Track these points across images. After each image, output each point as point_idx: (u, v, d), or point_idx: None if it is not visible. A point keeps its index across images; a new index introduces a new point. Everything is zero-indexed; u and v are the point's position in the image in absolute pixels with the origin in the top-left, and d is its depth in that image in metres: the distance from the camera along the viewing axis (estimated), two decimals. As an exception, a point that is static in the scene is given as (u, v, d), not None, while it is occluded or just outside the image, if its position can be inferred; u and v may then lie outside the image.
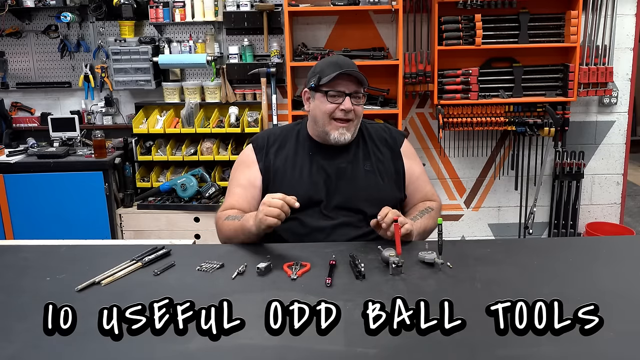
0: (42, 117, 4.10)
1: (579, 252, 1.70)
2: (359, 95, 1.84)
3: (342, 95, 1.82)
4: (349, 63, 1.85)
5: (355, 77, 1.82)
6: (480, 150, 4.07)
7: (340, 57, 1.90)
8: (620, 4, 3.78)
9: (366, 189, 1.87)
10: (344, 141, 1.86)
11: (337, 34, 3.89)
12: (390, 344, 1.16)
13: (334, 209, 1.85)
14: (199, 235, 3.76)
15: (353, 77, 1.82)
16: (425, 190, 1.99)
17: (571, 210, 4.03)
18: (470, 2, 3.55)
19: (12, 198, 3.67)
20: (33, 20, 4.00)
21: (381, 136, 1.98)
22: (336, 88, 1.82)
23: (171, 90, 3.96)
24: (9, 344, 1.20)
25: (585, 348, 1.15)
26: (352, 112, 1.83)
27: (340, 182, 1.87)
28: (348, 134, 1.85)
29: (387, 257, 1.51)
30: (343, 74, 1.80)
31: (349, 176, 1.88)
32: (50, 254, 1.73)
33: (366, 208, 1.85)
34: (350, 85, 1.82)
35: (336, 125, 1.84)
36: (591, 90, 3.79)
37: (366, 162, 1.91)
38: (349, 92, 1.82)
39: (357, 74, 1.81)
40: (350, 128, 1.86)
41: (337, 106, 1.82)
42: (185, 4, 3.80)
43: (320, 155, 1.90)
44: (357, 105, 1.84)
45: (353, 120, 1.85)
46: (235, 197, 1.90)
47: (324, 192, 1.86)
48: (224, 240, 1.83)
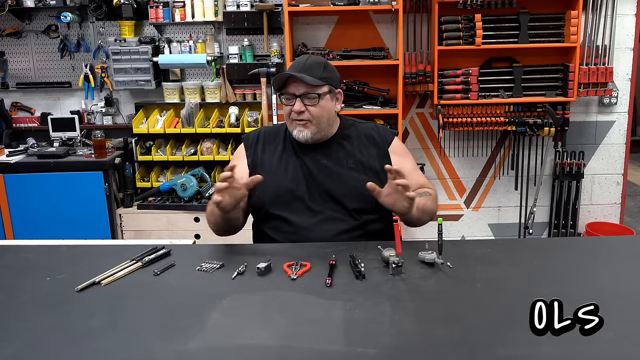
0: (42, 117, 4.10)
1: (579, 252, 1.70)
2: (312, 95, 1.84)
3: (293, 97, 1.85)
4: (305, 64, 1.86)
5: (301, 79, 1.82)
6: (480, 150, 4.07)
7: (301, 59, 1.91)
8: (620, 4, 3.78)
9: (348, 184, 1.88)
10: (303, 138, 1.88)
11: (337, 34, 3.89)
12: (390, 344, 1.16)
13: (318, 203, 1.87)
14: (199, 235, 3.76)
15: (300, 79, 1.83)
16: (419, 182, 1.97)
17: (571, 210, 4.03)
18: (470, 2, 3.55)
19: (12, 198, 3.67)
20: (33, 20, 4.00)
21: (369, 134, 1.99)
22: (287, 90, 1.87)
23: (171, 90, 3.96)
24: (9, 344, 1.20)
25: (585, 348, 1.15)
26: (307, 113, 1.85)
27: (322, 178, 1.89)
28: (307, 131, 1.87)
29: (387, 257, 1.51)
30: (292, 76, 1.83)
31: (331, 172, 1.90)
32: (50, 254, 1.73)
33: (348, 202, 1.86)
34: (300, 87, 1.84)
35: (295, 124, 1.88)
36: (591, 90, 3.79)
37: (349, 159, 1.93)
38: (298, 93, 1.84)
39: (301, 77, 1.81)
40: (308, 126, 1.87)
41: (291, 108, 1.86)
42: (185, 4, 3.79)
43: (303, 153, 1.93)
44: (310, 105, 1.85)
45: (310, 120, 1.86)
46: None
47: (305, 187, 1.88)
48: (212, 228, 1.89)
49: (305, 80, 1.82)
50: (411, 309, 1.31)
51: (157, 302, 1.39)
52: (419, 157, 4.09)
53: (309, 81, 1.82)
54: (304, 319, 1.28)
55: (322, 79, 1.85)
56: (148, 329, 1.25)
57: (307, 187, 1.88)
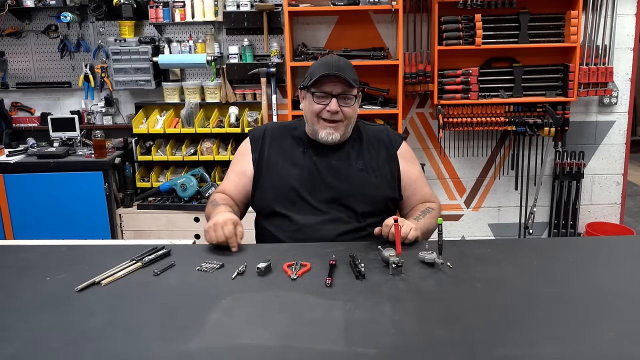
0: (42, 117, 4.10)
1: (579, 252, 1.70)
2: (348, 96, 1.83)
3: (329, 97, 1.82)
4: (339, 64, 1.84)
5: (344, 78, 1.80)
6: (480, 150, 4.07)
7: (333, 58, 1.88)
8: (620, 4, 3.78)
9: (357, 186, 1.88)
10: (332, 141, 1.86)
11: (337, 34, 3.89)
12: (390, 344, 1.16)
13: (323, 203, 1.86)
14: (199, 235, 3.76)
15: (341, 78, 1.80)
16: (423, 192, 1.99)
17: (571, 210, 4.03)
18: (470, 2, 3.55)
19: (12, 198, 3.67)
20: (33, 20, 4.00)
21: (378, 137, 1.98)
22: (322, 89, 1.82)
23: (171, 90, 3.96)
24: (9, 344, 1.20)
25: (585, 348, 1.15)
26: (340, 114, 1.83)
27: (330, 178, 1.88)
28: (337, 134, 1.86)
29: (387, 257, 1.51)
30: (330, 75, 1.80)
31: (340, 173, 1.89)
32: (50, 254, 1.73)
33: (356, 204, 1.86)
34: (338, 86, 1.81)
35: (324, 125, 1.85)
36: (591, 90, 3.79)
37: (359, 160, 1.92)
38: (335, 93, 1.82)
39: (342, 76, 1.79)
40: (338, 128, 1.86)
41: (323, 107, 1.83)
42: (185, 4, 3.79)
43: (313, 152, 1.92)
44: (345, 106, 1.83)
45: (342, 121, 1.85)
46: (228, 182, 1.99)
47: (312, 186, 1.87)
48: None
49: (347, 80, 1.80)
50: (411, 309, 1.31)
51: (157, 302, 1.39)
52: (419, 157, 4.08)
53: (351, 82, 1.81)
54: (304, 319, 1.28)
55: (354, 81, 1.84)
56: (148, 329, 1.25)
57: (313, 186, 1.87)
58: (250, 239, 1.99)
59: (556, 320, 1.25)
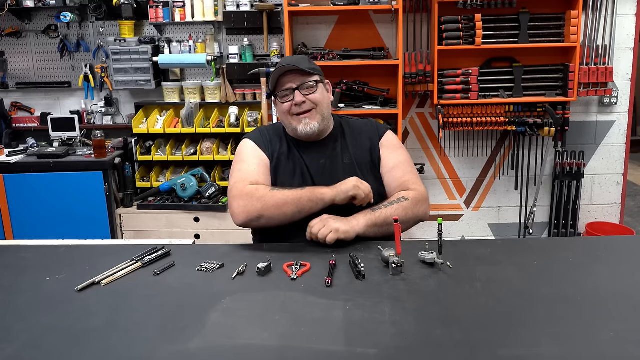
0: (42, 117, 4.10)
1: (579, 252, 1.70)
2: (307, 84, 1.85)
3: (291, 92, 1.85)
4: (291, 60, 1.89)
5: (297, 69, 1.83)
6: (480, 150, 4.07)
7: (286, 58, 1.93)
8: (620, 4, 3.78)
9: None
10: (311, 130, 1.86)
11: (337, 34, 3.89)
12: (390, 344, 1.16)
13: None
14: (199, 235, 3.76)
15: (295, 71, 1.83)
16: (403, 179, 1.87)
17: (571, 210, 4.03)
18: (470, 2, 3.55)
19: (12, 198, 3.67)
20: (33, 20, 4.00)
21: (362, 129, 1.98)
22: (283, 88, 1.86)
23: (171, 90, 3.96)
24: (9, 344, 1.20)
25: (585, 348, 1.15)
26: (308, 102, 1.85)
27: (321, 178, 1.87)
28: (314, 122, 1.86)
29: (387, 257, 1.51)
30: (285, 72, 1.83)
31: (329, 171, 1.88)
32: (50, 254, 1.73)
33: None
34: (295, 79, 1.84)
35: (298, 119, 1.86)
36: (591, 90, 3.79)
37: (345, 155, 1.92)
38: (296, 86, 1.84)
39: (295, 67, 1.82)
40: (314, 116, 1.86)
41: (291, 103, 1.85)
42: (185, 4, 3.80)
43: (304, 153, 1.92)
44: (309, 94, 1.85)
45: (314, 109, 1.86)
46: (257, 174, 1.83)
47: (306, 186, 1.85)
48: (258, 214, 1.72)
49: (301, 66, 1.83)
50: (411, 309, 1.31)
51: (157, 302, 1.38)
52: (419, 157, 4.09)
53: (305, 67, 1.83)
54: (304, 319, 1.28)
55: (310, 69, 1.86)
56: (148, 329, 1.25)
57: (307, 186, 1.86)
58: (249, 240, 1.99)
59: (556, 320, 1.25)
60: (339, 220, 1.69)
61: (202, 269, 1.55)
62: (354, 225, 1.69)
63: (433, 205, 4.12)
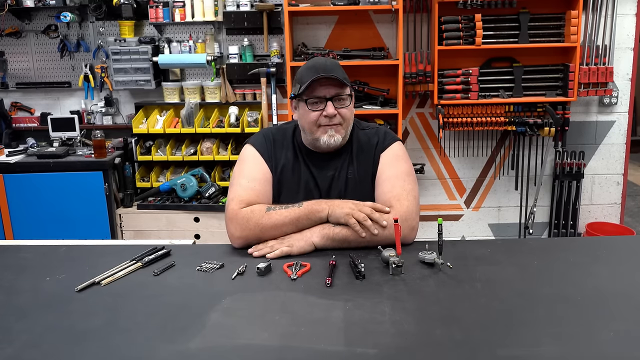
0: (42, 117, 4.10)
1: (579, 252, 1.70)
2: (342, 96, 1.76)
3: (323, 101, 1.74)
4: (327, 65, 1.76)
5: (335, 79, 1.72)
6: (481, 150, 4.07)
7: (319, 60, 1.80)
8: (620, 4, 3.78)
9: (351, 197, 1.77)
10: (334, 143, 1.78)
11: (337, 34, 3.89)
12: (390, 344, 1.16)
13: None
14: (199, 235, 3.76)
15: (333, 79, 1.72)
16: (390, 194, 1.75)
17: (571, 210, 4.03)
18: (470, 2, 3.55)
19: (12, 198, 3.67)
20: (33, 20, 4.00)
21: (369, 140, 1.88)
22: (315, 94, 1.74)
23: (171, 90, 3.96)
24: (9, 344, 1.20)
25: (585, 348, 1.15)
26: (338, 116, 1.75)
27: (328, 190, 1.83)
28: (338, 136, 1.78)
29: (387, 257, 1.51)
30: (321, 78, 1.71)
31: (335, 185, 1.84)
32: (50, 254, 1.73)
33: None
34: (331, 88, 1.74)
35: (324, 129, 1.76)
36: (591, 90, 3.79)
37: (350, 168, 1.85)
38: (329, 96, 1.74)
39: (335, 77, 1.72)
40: (339, 130, 1.78)
41: (320, 113, 1.74)
42: (185, 4, 3.79)
43: (312, 164, 1.85)
44: (341, 108, 1.75)
45: (342, 124, 1.78)
46: (255, 193, 1.77)
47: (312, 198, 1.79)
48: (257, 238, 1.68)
49: (338, 75, 1.72)
50: (411, 309, 1.31)
51: (157, 302, 1.38)
52: (419, 157, 4.09)
53: (343, 81, 1.73)
54: (304, 319, 1.28)
55: (345, 79, 1.75)
56: (148, 329, 1.25)
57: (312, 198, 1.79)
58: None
59: (556, 320, 1.25)
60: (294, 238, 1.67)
61: (202, 269, 1.55)
62: (308, 238, 1.66)
63: (433, 205, 4.12)
